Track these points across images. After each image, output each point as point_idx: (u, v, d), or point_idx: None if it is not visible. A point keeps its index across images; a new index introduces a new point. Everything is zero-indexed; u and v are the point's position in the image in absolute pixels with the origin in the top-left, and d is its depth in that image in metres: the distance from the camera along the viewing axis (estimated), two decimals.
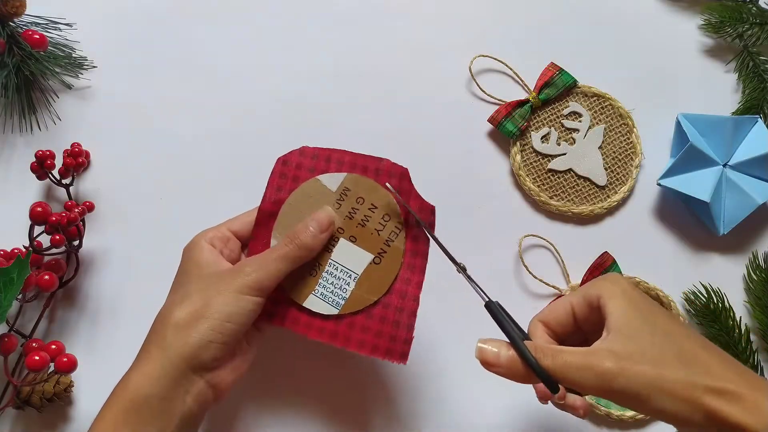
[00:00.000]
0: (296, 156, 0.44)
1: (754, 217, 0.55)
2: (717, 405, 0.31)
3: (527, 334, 0.38)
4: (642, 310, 0.35)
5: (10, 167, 0.55)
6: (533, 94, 0.57)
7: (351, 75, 0.58)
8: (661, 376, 0.32)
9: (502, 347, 0.36)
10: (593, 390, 0.33)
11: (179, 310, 0.38)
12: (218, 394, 0.39)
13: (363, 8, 0.60)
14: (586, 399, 0.51)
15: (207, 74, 0.58)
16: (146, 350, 0.38)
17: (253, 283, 0.38)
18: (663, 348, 0.34)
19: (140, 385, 0.36)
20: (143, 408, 0.35)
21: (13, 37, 0.53)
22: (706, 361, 0.33)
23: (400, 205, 0.43)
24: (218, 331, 0.37)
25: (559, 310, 0.39)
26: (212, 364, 0.38)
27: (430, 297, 0.43)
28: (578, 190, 0.56)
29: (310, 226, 0.41)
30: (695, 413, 0.32)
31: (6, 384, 0.48)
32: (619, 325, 0.35)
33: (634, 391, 0.32)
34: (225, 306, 0.37)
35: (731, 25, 0.60)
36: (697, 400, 0.32)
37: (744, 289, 0.56)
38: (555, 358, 0.34)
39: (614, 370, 0.32)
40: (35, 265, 0.50)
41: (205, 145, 0.56)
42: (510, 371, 0.35)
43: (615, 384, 0.32)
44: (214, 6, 0.59)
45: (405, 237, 0.43)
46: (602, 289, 0.37)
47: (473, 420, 0.51)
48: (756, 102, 0.58)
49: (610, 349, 0.34)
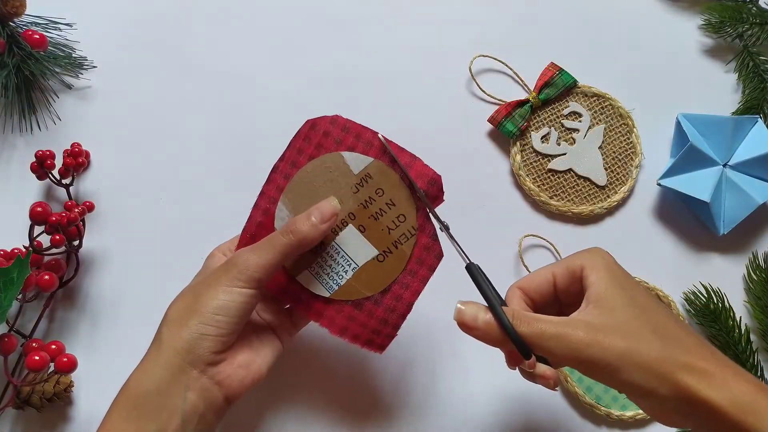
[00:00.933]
0: (326, 123, 0.42)
1: (754, 217, 0.55)
2: (688, 380, 0.32)
3: (505, 300, 0.39)
4: (623, 285, 0.36)
5: (10, 167, 0.55)
6: (533, 94, 0.57)
7: (351, 75, 0.58)
8: (634, 349, 0.33)
9: (480, 310, 0.36)
10: (565, 359, 0.34)
11: (174, 308, 0.39)
12: (228, 392, 0.38)
13: (363, 8, 0.60)
14: (573, 382, 0.51)
15: (207, 74, 0.58)
16: (148, 350, 0.38)
17: (242, 275, 0.38)
18: (640, 322, 0.34)
19: (139, 381, 0.36)
20: (143, 404, 0.36)
21: (13, 37, 0.53)
22: (680, 338, 0.34)
23: (401, 174, 0.41)
24: (209, 324, 0.37)
25: (540, 279, 0.39)
26: (210, 358, 0.37)
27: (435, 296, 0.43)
28: (578, 190, 0.56)
29: (312, 216, 0.39)
30: (664, 387, 0.33)
31: (6, 384, 0.48)
32: (599, 297, 0.35)
33: (605, 362, 0.33)
34: (213, 299, 0.37)
35: (731, 25, 0.60)
36: (669, 375, 0.33)
37: (744, 289, 0.56)
38: (531, 325, 0.35)
39: (586, 341, 0.33)
40: (35, 265, 0.50)
41: (205, 144, 0.56)
42: (486, 335, 0.36)
43: (586, 355, 0.33)
44: (214, 6, 0.59)
45: (415, 243, 0.42)
46: (586, 260, 0.38)
47: (468, 415, 0.51)
48: (756, 102, 0.58)
49: (586, 321, 0.34)
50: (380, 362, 0.51)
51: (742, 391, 0.32)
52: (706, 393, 0.32)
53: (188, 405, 0.36)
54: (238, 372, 0.38)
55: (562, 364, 0.35)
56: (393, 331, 0.42)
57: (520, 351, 0.35)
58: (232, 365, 0.38)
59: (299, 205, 0.42)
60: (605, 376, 0.34)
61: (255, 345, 0.41)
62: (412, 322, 0.43)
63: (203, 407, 0.37)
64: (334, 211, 0.40)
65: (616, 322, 0.34)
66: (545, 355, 0.35)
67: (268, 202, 0.42)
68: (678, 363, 0.33)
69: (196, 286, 0.39)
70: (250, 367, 0.39)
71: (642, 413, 0.51)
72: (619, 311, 0.35)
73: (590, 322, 0.34)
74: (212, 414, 0.38)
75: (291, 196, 0.42)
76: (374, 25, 0.60)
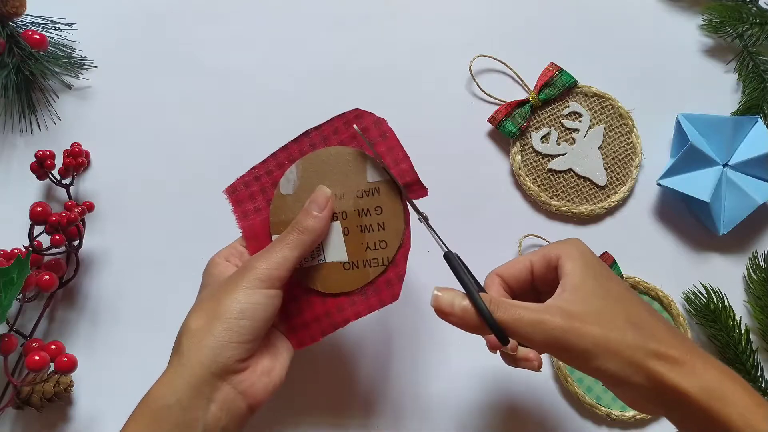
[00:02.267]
0: (371, 121, 0.42)
1: (754, 217, 0.55)
2: (659, 368, 0.33)
3: (483, 287, 0.39)
4: (597, 275, 0.37)
5: (10, 167, 0.55)
6: (533, 94, 0.57)
7: (351, 75, 0.58)
8: (609, 337, 0.33)
9: (457, 297, 0.36)
10: (542, 345, 0.34)
11: (193, 318, 0.37)
12: (251, 401, 0.37)
13: (363, 8, 0.60)
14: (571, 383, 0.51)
15: (207, 74, 0.58)
16: (169, 363, 0.37)
17: (261, 275, 0.37)
18: (614, 311, 0.35)
19: (160, 395, 0.35)
20: (164, 418, 0.34)
21: (13, 37, 0.53)
22: (653, 327, 0.35)
23: (367, 149, 0.41)
24: (233, 330, 0.36)
25: (517, 266, 0.40)
26: (235, 366, 0.36)
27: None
28: (578, 190, 0.56)
29: (311, 210, 0.40)
30: (637, 375, 0.33)
31: (6, 384, 0.48)
32: (574, 285, 0.36)
33: (581, 349, 0.33)
34: (236, 303, 0.36)
35: (731, 25, 0.60)
36: (641, 363, 0.33)
37: (744, 289, 0.56)
38: (508, 311, 0.35)
39: (564, 327, 0.34)
40: (35, 265, 0.50)
41: (205, 145, 0.56)
42: (463, 321, 0.36)
43: (563, 341, 0.34)
44: (214, 6, 0.59)
45: (382, 273, 0.41)
46: (562, 250, 0.38)
47: (466, 417, 0.51)
48: (756, 102, 0.58)
49: (562, 307, 0.35)
50: (366, 359, 0.52)
51: (711, 378, 0.33)
52: (677, 380, 0.33)
53: (210, 417, 0.35)
54: (261, 380, 0.38)
55: (539, 349, 0.36)
56: (318, 335, 0.42)
57: (498, 337, 0.35)
58: (255, 373, 0.37)
59: (306, 177, 0.42)
60: (581, 363, 0.34)
61: (273, 350, 0.40)
62: (405, 324, 0.43)
63: (226, 419, 0.36)
64: (327, 196, 0.41)
65: (592, 310, 0.35)
66: (523, 340, 0.35)
67: (285, 159, 0.43)
68: (650, 351, 0.33)
69: (216, 293, 0.38)
70: (271, 373, 0.39)
71: (642, 413, 0.51)
72: (594, 300, 0.35)
73: (566, 309, 0.35)
74: (234, 424, 0.36)
75: (306, 165, 0.42)
76: (374, 25, 0.60)
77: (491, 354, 0.41)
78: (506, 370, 0.45)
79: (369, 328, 0.52)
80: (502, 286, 0.40)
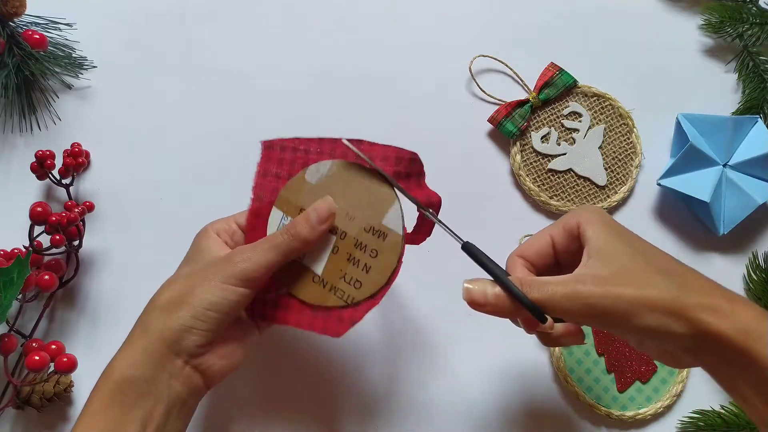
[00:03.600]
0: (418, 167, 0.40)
1: (754, 217, 0.55)
2: (699, 315, 0.33)
3: (506, 271, 0.38)
4: (619, 233, 0.37)
5: (10, 167, 0.55)
6: (533, 94, 0.57)
7: (351, 75, 0.58)
8: (644, 293, 0.33)
9: (488, 285, 0.36)
10: (580, 316, 0.34)
11: (165, 293, 0.38)
12: (208, 379, 0.38)
13: (363, 8, 0.60)
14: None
15: (207, 74, 0.58)
16: (132, 333, 0.38)
17: (240, 273, 0.37)
18: (644, 266, 0.35)
19: (124, 367, 0.36)
20: (129, 390, 0.35)
21: (13, 37, 0.53)
22: (686, 276, 0.35)
23: (360, 158, 0.40)
24: (199, 318, 0.37)
25: (539, 243, 0.40)
26: (195, 350, 0.37)
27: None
28: (578, 190, 0.56)
29: (310, 218, 0.39)
30: (678, 325, 0.33)
31: (6, 384, 0.48)
32: (600, 248, 0.36)
33: (620, 312, 0.33)
34: (208, 294, 0.37)
35: (731, 25, 0.60)
36: (680, 312, 0.33)
37: (744, 289, 0.56)
38: (541, 289, 0.35)
39: (599, 293, 0.33)
40: (35, 265, 0.50)
41: (205, 145, 0.56)
42: (498, 308, 0.36)
43: (600, 307, 0.33)
44: (214, 6, 0.59)
45: (341, 307, 0.40)
46: (580, 216, 0.38)
47: (466, 417, 0.51)
48: (756, 102, 0.58)
49: (593, 274, 0.35)
50: (368, 361, 0.52)
51: (749, 320, 0.33)
52: (716, 324, 0.32)
53: (173, 392, 0.36)
54: (220, 362, 0.39)
55: (576, 321, 0.36)
56: (264, 316, 0.42)
57: (536, 316, 0.35)
58: (215, 356, 0.38)
59: (334, 180, 0.41)
60: (621, 325, 0.34)
61: (237, 336, 0.41)
62: (408, 325, 0.42)
63: (186, 394, 0.37)
64: (330, 209, 0.40)
65: (622, 270, 0.34)
66: (560, 315, 0.35)
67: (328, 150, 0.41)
68: (689, 300, 0.33)
69: (192, 275, 0.38)
70: (231, 357, 0.39)
71: (642, 413, 0.51)
72: (622, 259, 0.35)
73: (597, 274, 0.34)
74: (193, 399, 0.38)
75: (341, 169, 0.40)
76: (374, 25, 0.60)
77: (491, 353, 0.41)
78: (506, 369, 0.45)
79: (367, 328, 0.52)
80: (526, 266, 0.39)
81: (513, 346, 0.52)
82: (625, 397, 0.51)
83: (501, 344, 0.52)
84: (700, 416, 0.51)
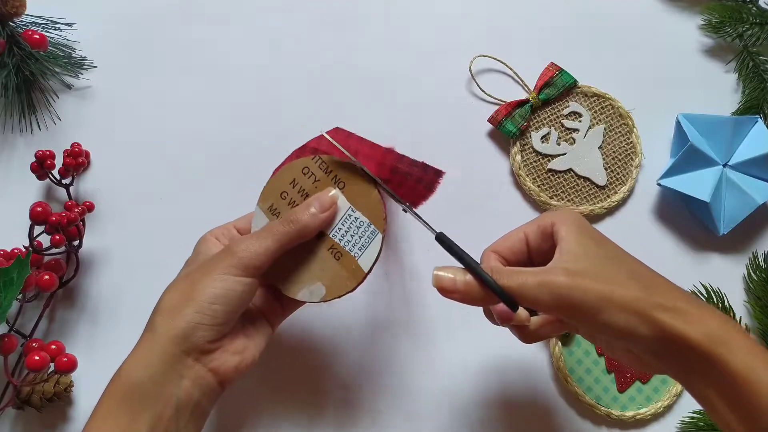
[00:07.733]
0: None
1: (754, 217, 0.55)
2: (666, 318, 0.33)
3: (479, 263, 0.39)
4: (592, 236, 0.37)
5: (10, 167, 0.55)
6: (533, 94, 0.57)
7: (351, 75, 0.58)
8: (613, 291, 0.34)
9: (458, 272, 0.36)
10: (549, 306, 0.34)
11: (168, 296, 0.38)
12: (222, 378, 0.38)
13: (363, 8, 0.60)
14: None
15: (207, 74, 0.58)
16: (142, 338, 0.38)
17: (239, 263, 0.37)
18: (615, 268, 0.35)
19: (133, 370, 0.36)
20: (137, 393, 0.35)
21: (13, 37, 0.53)
22: (655, 281, 0.36)
23: (339, 152, 0.41)
24: (205, 313, 0.36)
25: (512, 239, 0.40)
26: (205, 346, 0.37)
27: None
28: (578, 190, 0.56)
29: (312, 206, 0.40)
30: (643, 326, 0.33)
31: (6, 384, 0.48)
32: (571, 247, 0.36)
33: (588, 305, 0.33)
34: (210, 288, 0.37)
35: (731, 25, 0.60)
36: (646, 314, 0.33)
37: (744, 289, 0.56)
38: (511, 277, 0.35)
39: (569, 284, 0.34)
40: (35, 265, 0.50)
41: (205, 145, 0.56)
42: (467, 295, 0.36)
43: (569, 298, 0.34)
44: (214, 6, 0.59)
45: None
46: (555, 217, 0.39)
47: (465, 417, 0.51)
48: (756, 102, 0.58)
49: (564, 267, 0.35)
50: (354, 354, 0.52)
51: (714, 325, 0.33)
52: (681, 328, 0.33)
53: (183, 393, 0.36)
54: (232, 359, 0.38)
55: (547, 311, 0.36)
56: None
57: (506, 303, 0.35)
58: (227, 352, 0.38)
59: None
60: (588, 319, 0.34)
61: (249, 331, 0.41)
62: (399, 318, 0.42)
63: (198, 394, 0.37)
64: (333, 201, 0.41)
65: (592, 268, 0.35)
66: (530, 305, 0.35)
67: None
68: (655, 303, 0.33)
69: (193, 273, 0.39)
70: (244, 353, 0.39)
71: (642, 413, 0.51)
72: (594, 259, 0.35)
73: (569, 267, 0.35)
74: (206, 400, 0.38)
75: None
76: (374, 25, 0.60)
77: (491, 353, 0.41)
78: (506, 369, 0.45)
79: (356, 319, 0.52)
80: (499, 260, 0.40)
81: (513, 346, 0.52)
82: (625, 397, 0.51)
83: (501, 344, 0.52)
84: (700, 416, 0.51)
